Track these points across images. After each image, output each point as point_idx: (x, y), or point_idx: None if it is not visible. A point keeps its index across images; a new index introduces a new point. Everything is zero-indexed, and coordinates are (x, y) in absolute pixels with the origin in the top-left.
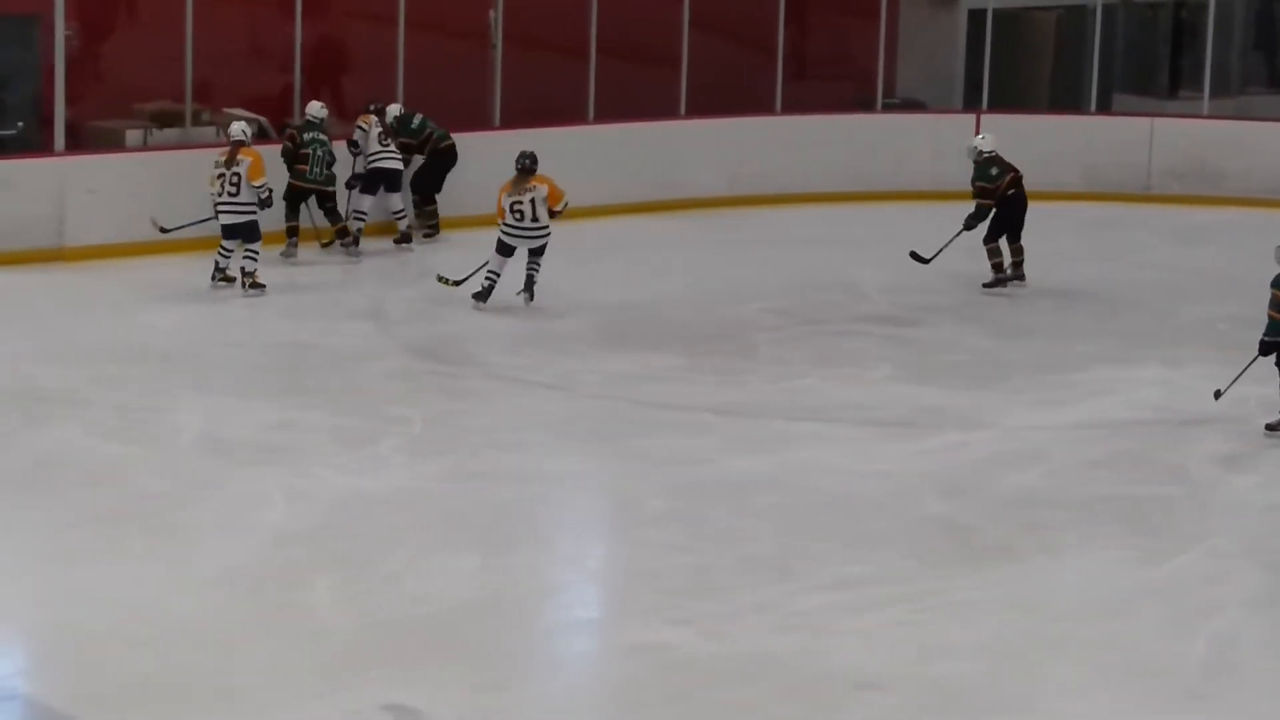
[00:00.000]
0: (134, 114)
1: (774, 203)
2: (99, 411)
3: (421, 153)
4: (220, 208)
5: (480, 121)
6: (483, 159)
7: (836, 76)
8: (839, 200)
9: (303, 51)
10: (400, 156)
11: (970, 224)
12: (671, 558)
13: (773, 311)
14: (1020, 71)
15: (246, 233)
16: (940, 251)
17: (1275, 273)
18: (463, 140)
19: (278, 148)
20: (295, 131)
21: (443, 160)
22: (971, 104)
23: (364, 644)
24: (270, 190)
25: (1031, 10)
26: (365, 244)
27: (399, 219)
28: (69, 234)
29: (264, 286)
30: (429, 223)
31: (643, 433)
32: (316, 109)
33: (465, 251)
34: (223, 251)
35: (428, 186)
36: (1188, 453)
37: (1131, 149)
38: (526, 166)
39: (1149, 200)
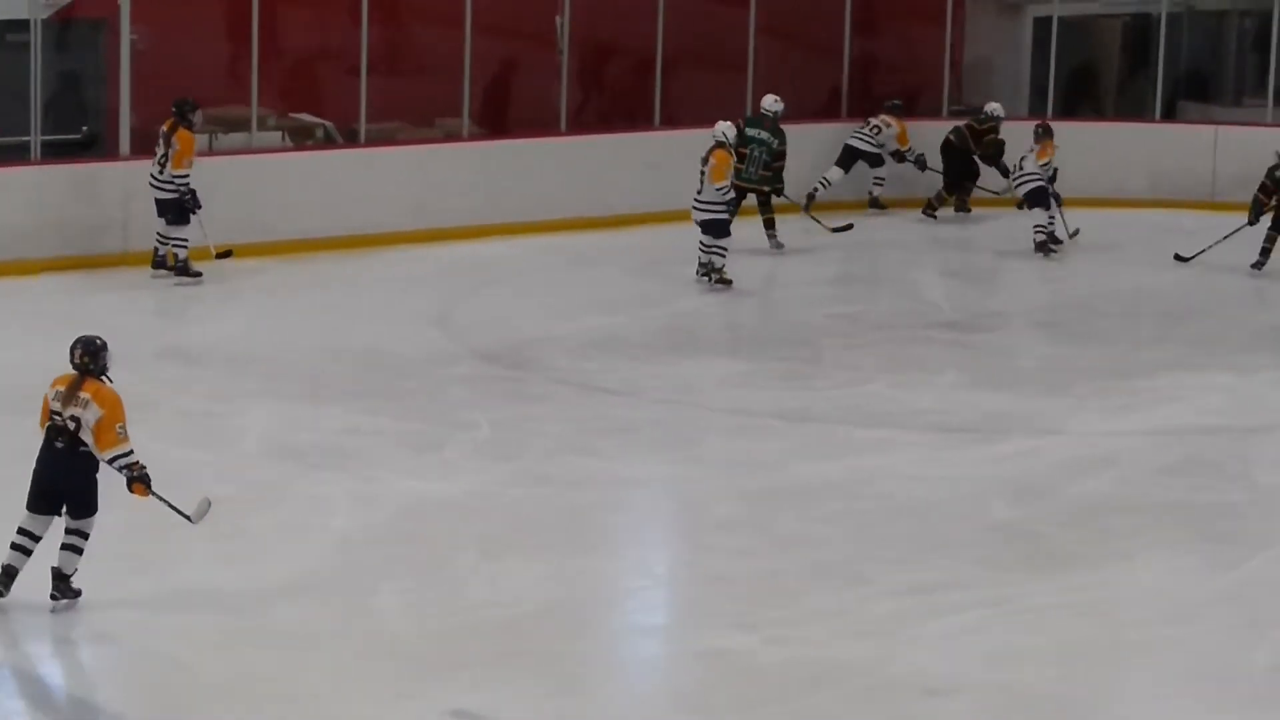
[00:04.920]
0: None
1: (843, 209)
2: (164, 415)
3: None
4: (695, 204)
5: (547, 126)
6: (547, 164)
7: (903, 83)
8: (904, 206)
9: (370, 56)
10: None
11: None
12: (740, 563)
13: (840, 317)
14: (1086, 79)
15: (715, 229)
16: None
17: None
18: (530, 145)
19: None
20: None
21: None
22: (1037, 111)
23: (432, 650)
24: (733, 192)
25: (1097, 18)
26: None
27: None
28: (134, 238)
29: (730, 282)
30: None
31: (710, 438)
32: (770, 102)
33: None
34: (704, 247)
35: None
36: (1255, 459)
37: (1196, 156)
38: None
39: (1215, 207)
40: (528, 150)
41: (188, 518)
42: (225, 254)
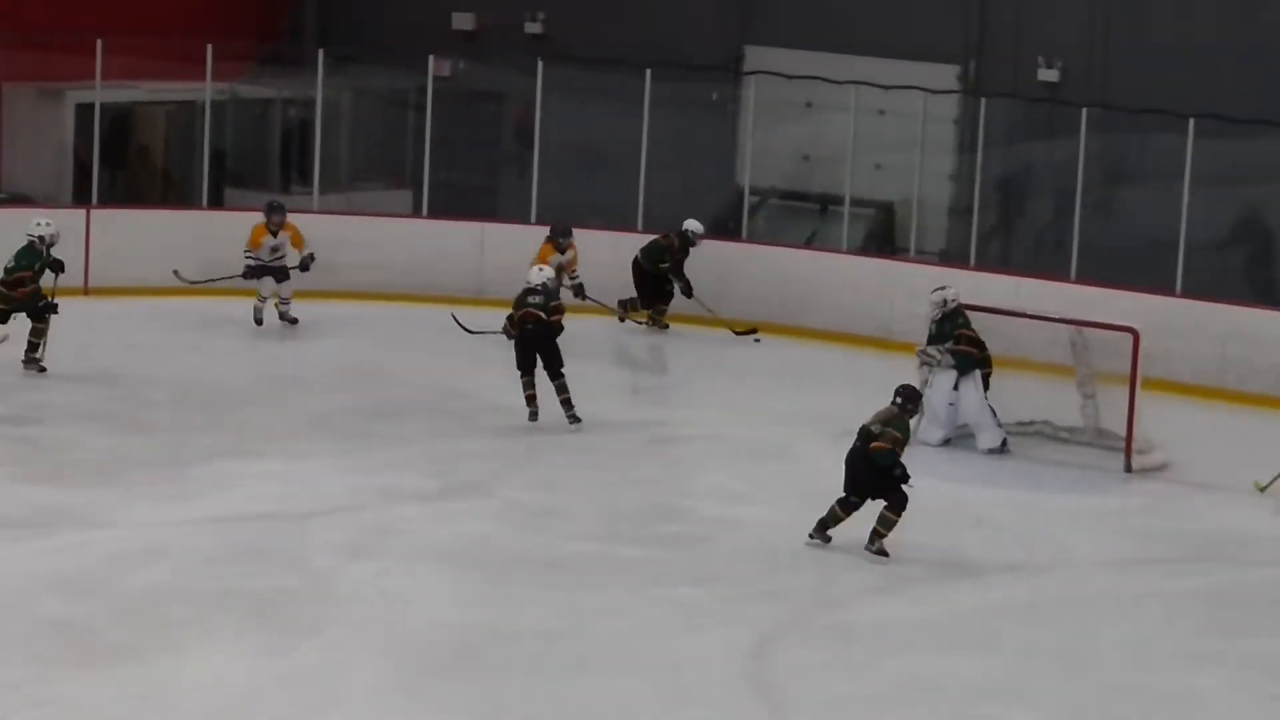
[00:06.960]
0: None
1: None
2: None
3: None
4: None
5: None
6: None
7: None
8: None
9: None
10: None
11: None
12: None
13: None
14: (133, 166)
15: None
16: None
17: None
18: None
19: None
20: None
21: None
22: (83, 199)
23: None
24: None
25: (142, 105)
26: None
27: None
28: None
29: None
30: None
31: None
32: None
33: None
34: None
35: None
36: (308, 543)
37: (242, 243)
38: None
39: (250, 295)
40: None
41: None
42: None
